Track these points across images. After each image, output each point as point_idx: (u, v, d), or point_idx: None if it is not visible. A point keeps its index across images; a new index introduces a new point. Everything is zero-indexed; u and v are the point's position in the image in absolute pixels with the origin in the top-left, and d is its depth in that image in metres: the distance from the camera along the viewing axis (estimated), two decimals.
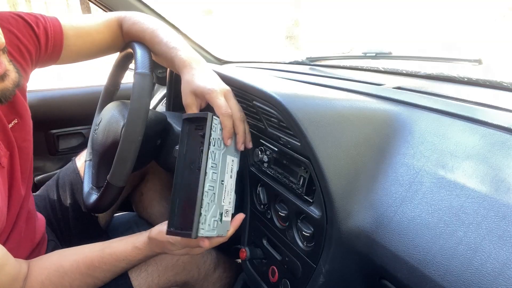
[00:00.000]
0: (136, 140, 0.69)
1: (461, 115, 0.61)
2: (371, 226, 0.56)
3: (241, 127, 0.68)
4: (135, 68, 0.73)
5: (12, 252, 0.64)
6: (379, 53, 1.03)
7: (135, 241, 0.73)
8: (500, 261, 0.42)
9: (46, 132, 1.51)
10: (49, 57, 0.78)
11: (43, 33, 0.75)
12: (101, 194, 0.76)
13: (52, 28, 0.76)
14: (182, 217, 0.63)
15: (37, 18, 0.75)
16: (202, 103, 0.70)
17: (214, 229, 0.64)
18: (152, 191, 1.17)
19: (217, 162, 0.65)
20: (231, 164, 0.69)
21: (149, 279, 0.80)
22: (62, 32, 0.78)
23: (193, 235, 0.60)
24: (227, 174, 0.67)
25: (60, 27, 0.78)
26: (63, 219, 1.00)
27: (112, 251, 0.72)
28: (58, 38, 0.78)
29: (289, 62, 1.33)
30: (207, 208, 0.62)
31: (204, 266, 0.91)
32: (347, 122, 0.62)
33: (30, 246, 0.80)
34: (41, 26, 0.75)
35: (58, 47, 0.78)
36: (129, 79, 0.91)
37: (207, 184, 0.62)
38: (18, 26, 0.72)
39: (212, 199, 0.64)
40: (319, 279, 0.64)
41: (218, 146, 0.65)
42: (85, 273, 0.70)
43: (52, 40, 0.77)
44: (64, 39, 0.78)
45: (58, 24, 0.78)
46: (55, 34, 0.77)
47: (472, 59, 0.81)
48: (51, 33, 0.76)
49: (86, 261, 0.71)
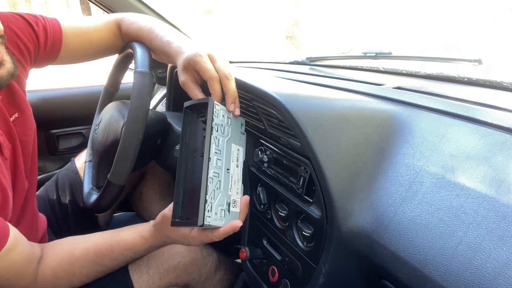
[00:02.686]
0: (136, 138, 0.69)
1: (461, 115, 0.61)
2: (371, 226, 0.56)
3: (228, 85, 0.64)
4: (135, 67, 0.73)
5: None
6: (379, 53, 1.03)
7: (142, 230, 0.73)
8: (500, 261, 0.42)
9: (46, 132, 1.51)
10: (47, 56, 0.79)
11: (43, 31, 0.76)
12: (102, 193, 0.76)
13: (51, 27, 0.77)
14: (186, 207, 0.61)
15: (36, 17, 0.76)
16: (196, 76, 0.67)
17: (222, 219, 0.61)
18: (151, 190, 1.17)
19: (221, 149, 0.62)
20: (237, 153, 0.66)
21: (150, 281, 0.80)
22: (61, 31, 0.79)
23: (199, 222, 0.56)
24: (232, 162, 0.65)
25: (59, 26, 0.79)
26: (62, 219, 1.01)
27: (120, 239, 0.73)
28: (57, 37, 0.78)
29: (289, 62, 1.33)
30: (213, 195, 0.59)
31: (206, 269, 0.91)
32: (347, 122, 0.62)
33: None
34: (40, 25, 0.76)
35: (57, 46, 0.79)
36: (129, 79, 0.91)
37: (211, 170, 0.59)
38: (18, 24, 0.73)
39: (218, 187, 0.61)
40: (319, 279, 0.64)
41: (222, 132, 0.62)
42: (94, 261, 0.71)
43: (51, 39, 0.77)
44: (63, 38, 0.79)
45: (57, 24, 0.79)
46: (54, 33, 0.78)
47: (472, 59, 0.81)
48: (50, 32, 0.77)
49: (95, 249, 0.71)
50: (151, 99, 0.72)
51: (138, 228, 0.74)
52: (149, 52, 0.77)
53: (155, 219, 0.72)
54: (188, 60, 0.65)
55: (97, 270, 0.73)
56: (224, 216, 0.61)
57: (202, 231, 0.63)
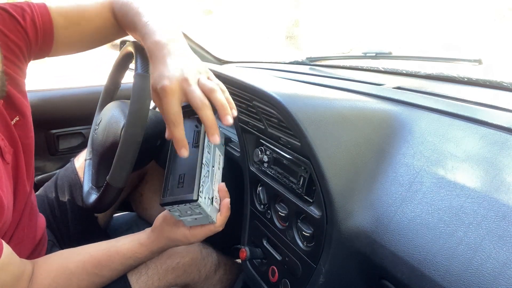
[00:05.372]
0: (135, 142, 0.69)
1: (461, 115, 0.61)
2: (371, 226, 0.56)
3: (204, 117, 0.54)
4: (135, 69, 0.73)
5: (15, 249, 0.63)
6: (379, 53, 1.03)
7: (140, 237, 0.73)
8: (500, 261, 0.42)
9: (46, 132, 1.51)
10: (40, 49, 0.75)
11: (31, 25, 0.70)
12: (101, 195, 0.76)
13: (40, 19, 0.72)
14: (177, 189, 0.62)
15: (23, 9, 0.70)
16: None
17: (208, 206, 0.63)
18: (152, 191, 1.17)
19: (210, 145, 0.66)
20: (219, 158, 0.71)
21: (149, 282, 0.80)
22: (51, 21, 0.73)
23: (194, 196, 0.58)
24: (216, 163, 0.69)
25: (49, 15, 0.73)
26: (62, 219, 1.00)
27: (119, 249, 0.72)
28: (47, 28, 0.73)
29: (289, 62, 1.33)
30: (204, 181, 0.62)
31: (205, 269, 0.91)
32: (347, 122, 0.62)
33: (32, 243, 0.80)
34: (27, 18, 0.70)
35: (49, 38, 0.74)
36: (129, 79, 0.91)
37: (204, 157, 0.63)
38: (4, 22, 0.68)
39: (207, 176, 0.64)
40: (319, 279, 0.64)
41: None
42: (92, 273, 0.70)
43: (42, 31, 0.72)
44: (54, 28, 0.74)
45: (46, 11, 0.73)
46: (44, 24, 0.72)
47: (472, 59, 0.81)
48: (39, 24, 0.71)
49: (92, 261, 0.70)
50: (150, 102, 0.72)
51: (135, 236, 0.74)
52: None
53: (153, 223, 0.72)
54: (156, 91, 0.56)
55: (95, 281, 0.72)
56: (209, 204, 0.63)
57: (201, 226, 0.65)
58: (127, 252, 0.72)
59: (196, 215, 0.63)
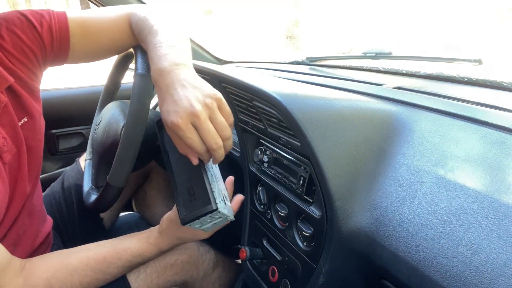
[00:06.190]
0: (135, 141, 0.69)
1: (461, 115, 0.61)
2: (371, 226, 0.56)
3: (216, 156, 0.59)
4: (135, 69, 0.73)
5: (9, 249, 0.63)
6: (379, 53, 1.03)
7: (148, 236, 0.74)
8: (500, 261, 0.42)
9: (46, 132, 1.51)
10: (56, 56, 0.75)
11: (47, 32, 0.72)
12: (101, 195, 0.76)
13: (57, 26, 0.73)
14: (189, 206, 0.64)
15: (42, 16, 0.72)
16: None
17: (225, 208, 0.64)
18: (156, 190, 1.17)
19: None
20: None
21: (148, 280, 0.80)
22: (68, 30, 0.74)
23: (213, 206, 0.60)
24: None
25: (66, 24, 0.73)
26: (69, 220, 1.00)
27: (126, 247, 0.73)
28: (64, 36, 0.74)
29: (289, 62, 1.33)
30: (213, 186, 0.64)
31: (203, 266, 0.91)
32: (347, 122, 0.62)
33: (30, 245, 0.80)
34: (45, 25, 0.71)
35: (65, 46, 0.75)
36: (129, 79, 0.90)
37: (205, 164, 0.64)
38: (22, 27, 0.70)
39: (212, 180, 0.65)
40: (319, 279, 0.64)
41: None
42: (96, 269, 0.71)
43: (58, 39, 0.73)
44: (70, 37, 0.74)
45: (64, 20, 0.73)
46: (61, 33, 0.73)
47: (472, 59, 0.81)
48: (56, 31, 0.72)
49: (97, 257, 0.71)
50: (150, 102, 0.72)
51: (143, 235, 0.74)
52: None
53: (160, 224, 0.72)
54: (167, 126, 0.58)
55: (99, 278, 0.72)
56: (224, 206, 0.65)
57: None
58: (136, 250, 0.73)
59: (215, 220, 0.65)
